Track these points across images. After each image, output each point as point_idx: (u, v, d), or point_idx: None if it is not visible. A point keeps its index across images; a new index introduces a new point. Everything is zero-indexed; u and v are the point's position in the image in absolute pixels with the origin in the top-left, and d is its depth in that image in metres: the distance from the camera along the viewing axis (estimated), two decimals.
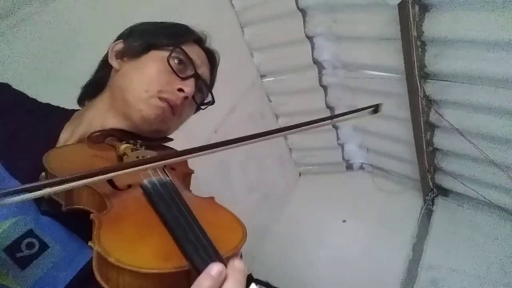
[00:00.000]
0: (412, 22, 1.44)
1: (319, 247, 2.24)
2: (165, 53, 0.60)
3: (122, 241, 0.36)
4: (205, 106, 0.71)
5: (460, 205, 2.10)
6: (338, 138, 2.42)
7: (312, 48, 1.98)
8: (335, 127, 2.35)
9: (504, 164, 1.63)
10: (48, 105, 0.65)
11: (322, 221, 2.35)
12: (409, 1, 1.36)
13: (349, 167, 2.58)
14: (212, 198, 0.52)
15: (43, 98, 0.66)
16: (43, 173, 0.46)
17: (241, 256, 0.41)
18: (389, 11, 1.49)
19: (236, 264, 0.34)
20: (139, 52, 0.62)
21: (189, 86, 0.60)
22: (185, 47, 0.62)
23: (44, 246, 0.44)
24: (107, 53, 0.66)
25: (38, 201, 0.46)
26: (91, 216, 0.39)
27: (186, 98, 0.60)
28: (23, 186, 0.32)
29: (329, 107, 2.24)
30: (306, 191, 2.65)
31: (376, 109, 0.57)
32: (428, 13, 1.45)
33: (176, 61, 0.61)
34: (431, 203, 2.18)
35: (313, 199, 2.54)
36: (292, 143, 2.61)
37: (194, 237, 0.36)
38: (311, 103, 2.25)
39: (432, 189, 2.16)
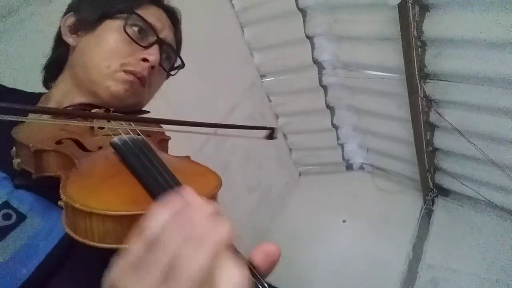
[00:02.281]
0: (412, 22, 1.44)
1: (319, 247, 2.24)
2: (120, 22, 0.56)
3: (88, 188, 0.35)
4: (175, 71, 0.68)
5: (460, 205, 2.10)
6: (338, 138, 2.41)
7: (312, 48, 1.98)
8: (335, 127, 2.35)
9: (504, 164, 1.63)
10: (13, 89, 0.63)
11: (322, 221, 2.35)
12: (409, 1, 1.36)
13: (349, 167, 2.58)
14: (188, 156, 0.51)
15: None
16: (14, 148, 0.45)
17: None
18: (389, 11, 1.49)
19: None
20: (93, 23, 0.57)
21: (153, 55, 0.56)
22: (141, 11, 0.57)
23: (21, 217, 0.43)
24: (60, 29, 0.61)
25: (11, 175, 0.46)
26: (58, 172, 0.38)
27: (152, 67, 0.57)
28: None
29: (329, 107, 2.24)
30: (306, 191, 2.65)
31: (271, 134, 0.54)
32: (428, 13, 1.44)
33: (135, 29, 0.56)
34: (431, 203, 2.18)
35: (313, 199, 2.54)
36: (292, 143, 2.61)
37: (164, 182, 0.35)
38: (311, 103, 2.25)
39: (432, 189, 2.16)
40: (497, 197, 1.83)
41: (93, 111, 0.53)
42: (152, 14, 0.59)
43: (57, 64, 0.62)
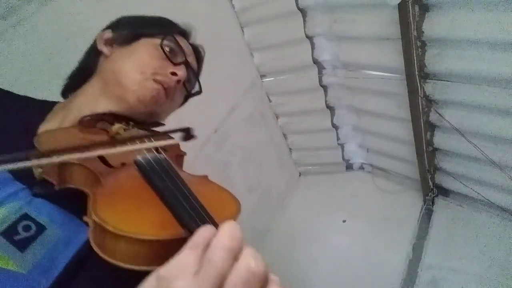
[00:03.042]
0: (412, 22, 1.44)
1: (319, 247, 2.24)
2: (156, 40, 0.62)
3: (119, 211, 0.36)
4: (193, 96, 0.73)
5: (460, 205, 2.10)
6: (338, 138, 2.41)
7: (312, 48, 1.98)
8: (335, 127, 2.35)
9: (504, 164, 1.63)
10: (25, 97, 0.64)
11: (322, 221, 2.35)
12: (409, 1, 1.36)
13: (349, 167, 2.58)
14: (205, 176, 0.52)
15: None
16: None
17: None
18: (389, 11, 1.49)
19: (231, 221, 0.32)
20: (129, 39, 0.63)
21: (181, 71, 0.62)
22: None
23: (41, 228, 0.44)
24: (95, 41, 0.66)
25: (30, 184, 0.46)
26: (85, 189, 0.39)
27: (178, 81, 0.62)
28: (14, 155, 0.32)
29: (329, 107, 2.24)
30: (306, 191, 2.65)
31: (188, 134, 0.54)
32: (428, 13, 1.45)
33: (167, 48, 0.62)
34: (431, 203, 2.18)
35: (313, 199, 2.54)
36: (292, 143, 2.61)
37: (189, 206, 0.37)
38: (311, 103, 2.25)
39: (432, 189, 2.16)
40: (497, 197, 1.83)
41: (114, 127, 0.53)
42: (182, 41, 0.66)
43: (85, 72, 0.66)
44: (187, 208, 0.36)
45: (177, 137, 0.54)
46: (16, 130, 0.55)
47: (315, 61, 2.03)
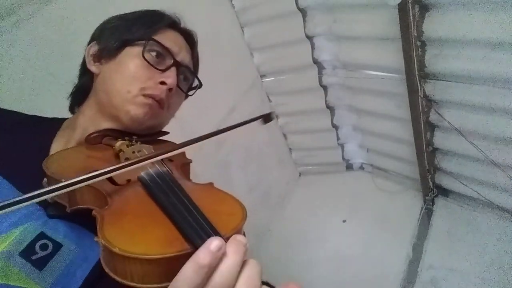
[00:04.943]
0: (412, 22, 1.44)
1: (319, 247, 2.24)
2: (139, 48, 0.59)
3: (125, 232, 0.37)
4: (193, 92, 0.70)
5: (460, 205, 2.10)
6: (338, 138, 2.42)
7: (312, 48, 1.98)
8: (335, 127, 2.35)
9: (504, 164, 1.63)
10: (34, 116, 0.65)
11: (322, 221, 2.35)
12: (409, 1, 1.37)
13: (349, 167, 2.59)
14: (211, 184, 0.52)
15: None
16: (45, 179, 0.47)
17: (244, 235, 0.42)
18: (389, 11, 1.49)
19: (238, 237, 0.35)
20: (114, 51, 0.60)
21: (170, 78, 0.58)
22: (159, 36, 0.61)
23: (57, 246, 0.45)
24: (84, 58, 0.64)
25: (44, 206, 0.47)
26: (93, 212, 0.40)
27: (170, 89, 0.59)
28: (27, 195, 0.34)
29: (329, 107, 2.24)
30: (306, 191, 2.65)
31: (267, 117, 0.54)
32: (428, 13, 1.45)
33: (153, 53, 0.59)
34: (431, 203, 2.18)
35: (313, 199, 2.54)
36: (292, 143, 2.61)
37: (193, 221, 0.37)
38: (311, 103, 2.25)
39: (432, 189, 2.16)
40: (497, 197, 1.83)
41: (117, 144, 0.54)
42: (169, 39, 0.62)
43: (82, 91, 0.65)
44: (192, 224, 0.37)
45: (258, 121, 0.54)
46: (30, 151, 0.56)
47: (315, 61, 2.03)
